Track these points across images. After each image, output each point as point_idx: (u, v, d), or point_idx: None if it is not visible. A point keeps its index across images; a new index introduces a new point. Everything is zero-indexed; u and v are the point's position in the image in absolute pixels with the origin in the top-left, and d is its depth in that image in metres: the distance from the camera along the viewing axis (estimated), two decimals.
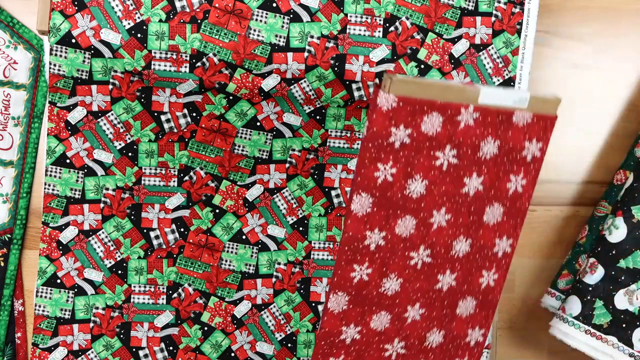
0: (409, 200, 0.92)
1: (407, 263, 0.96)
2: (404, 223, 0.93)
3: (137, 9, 1.07)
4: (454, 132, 0.90)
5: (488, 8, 1.13)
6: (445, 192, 0.93)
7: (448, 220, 0.95)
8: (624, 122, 1.28)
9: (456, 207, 0.95)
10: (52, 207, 1.14)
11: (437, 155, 0.90)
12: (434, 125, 0.88)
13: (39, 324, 1.16)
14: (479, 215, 0.97)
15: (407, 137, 0.88)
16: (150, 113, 1.13)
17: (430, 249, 0.96)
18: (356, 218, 0.91)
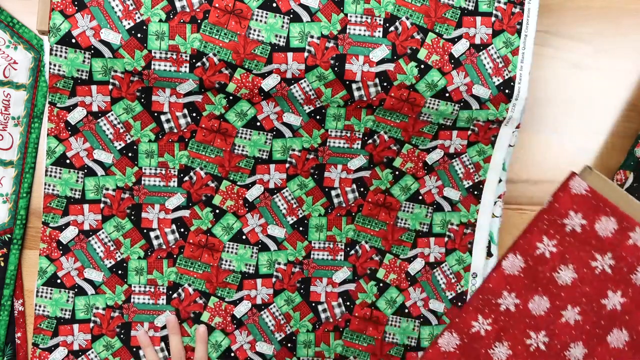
0: (553, 284, 0.94)
1: (523, 340, 0.97)
2: (539, 302, 0.95)
3: (137, 9, 1.07)
4: (620, 244, 0.91)
5: (488, 8, 1.13)
6: (587, 293, 0.94)
7: (576, 321, 0.96)
8: (624, 122, 1.28)
9: (590, 312, 0.95)
10: (52, 207, 1.14)
11: (595, 257, 0.92)
12: (607, 228, 0.91)
13: (39, 324, 1.16)
14: (605, 332, 0.97)
15: (579, 226, 0.91)
16: (150, 113, 1.13)
17: (549, 337, 0.96)
18: (502, 274, 0.94)
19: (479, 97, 1.13)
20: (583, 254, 0.93)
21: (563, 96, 1.27)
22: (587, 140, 1.28)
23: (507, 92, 1.14)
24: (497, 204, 1.21)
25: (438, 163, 1.20)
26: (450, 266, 1.22)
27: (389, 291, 1.22)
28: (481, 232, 1.21)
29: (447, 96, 1.13)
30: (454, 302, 1.22)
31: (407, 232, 1.21)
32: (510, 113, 1.15)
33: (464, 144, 1.19)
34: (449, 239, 1.22)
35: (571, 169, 1.27)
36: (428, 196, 1.21)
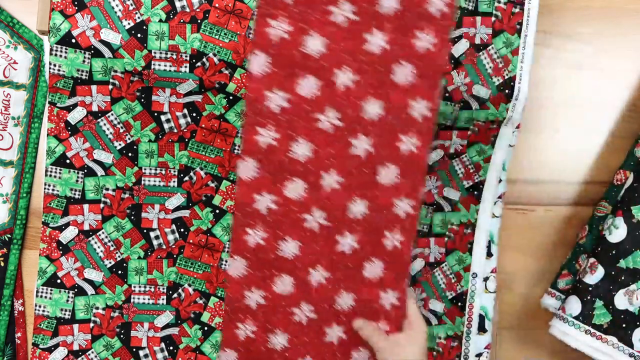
0: (308, 59, 0.96)
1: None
2: (307, 83, 0.97)
3: (137, 9, 1.07)
4: None
5: (488, 8, 1.13)
6: (347, 49, 0.96)
7: (355, 81, 0.98)
8: (624, 122, 1.28)
9: (362, 66, 0.97)
10: (52, 207, 1.14)
11: (331, 10, 0.94)
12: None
13: (39, 324, 1.16)
14: (387, 74, 0.99)
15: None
16: (150, 113, 1.13)
17: (338, 112, 0.99)
18: (257, 78, 0.96)
19: (479, 97, 1.13)
20: (318, 15, 0.93)
21: (563, 96, 1.27)
22: (587, 140, 1.28)
23: (507, 92, 1.14)
24: (497, 204, 1.21)
25: (438, 163, 1.20)
26: (450, 266, 1.22)
27: None
28: (481, 232, 1.21)
29: (447, 96, 1.13)
30: (454, 302, 1.22)
31: None
32: (510, 113, 1.15)
33: (464, 144, 1.19)
34: (449, 239, 1.22)
35: (571, 169, 1.28)
36: (428, 196, 1.21)
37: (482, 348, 1.22)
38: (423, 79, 0.99)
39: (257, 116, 0.96)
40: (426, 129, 1.00)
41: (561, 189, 1.28)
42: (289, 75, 0.95)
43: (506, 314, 1.29)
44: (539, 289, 1.29)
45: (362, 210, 1.01)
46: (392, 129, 0.99)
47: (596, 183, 1.28)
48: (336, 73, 0.96)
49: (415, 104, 0.99)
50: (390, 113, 0.99)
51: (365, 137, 0.99)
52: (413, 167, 1.01)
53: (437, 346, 1.23)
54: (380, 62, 0.96)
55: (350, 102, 0.97)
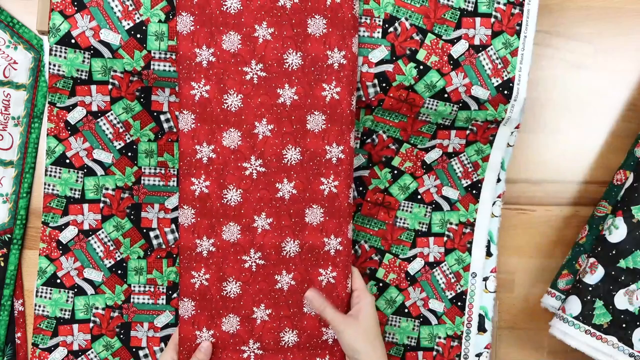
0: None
1: (242, 174, 1.06)
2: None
3: (136, 9, 1.07)
4: (254, 47, 1.03)
5: (487, 9, 1.13)
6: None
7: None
8: (624, 122, 1.28)
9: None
10: (51, 207, 1.14)
11: (245, 70, 1.03)
12: (233, 42, 1.03)
13: (39, 324, 1.16)
14: (301, 123, 1.07)
15: (212, 55, 1.03)
16: (150, 113, 1.13)
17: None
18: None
19: (477, 97, 1.13)
20: (234, 75, 1.02)
21: (563, 96, 1.27)
22: (587, 140, 1.28)
23: (506, 93, 1.14)
24: (496, 204, 1.21)
25: (437, 162, 1.20)
26: (449, 266, 1.22)
27: (389, 291, 1.22)
28: (480, 232, 1.21)
29: (446, 97, 1.13)
30: (454, 301, 1.22)
31: (407, 231, 1.22)
32: (509, 114, 1.15)
33: (462, 143, 1.19)
34: (448, 238, 1.22)
35: (571, 169, 1.28)
36: (427, 195, 1.21)
37: (482, 348, 1.23)
38: (334, 126, 1.06)
39: (190, 168, 1.06)
40: (342, 171, 1.09)
41: (561, 189, 1.28)
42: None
43: (506, 314, 1.29)
44: (538, 289, 1.29)
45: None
46: (312, 172, 1.08)
47: (596, 183, 1.28)
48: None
49: (330, 148, 1.07)
50: (308, 159, 1.07)
51: (289, 181, 1.08)
52: (335, 209, 1.10)
53: (437, 346, 1.23)
54: (293, 113, 1.05)
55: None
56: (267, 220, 1.09)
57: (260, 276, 1.10)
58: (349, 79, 1.07)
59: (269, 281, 1.10)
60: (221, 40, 1.04)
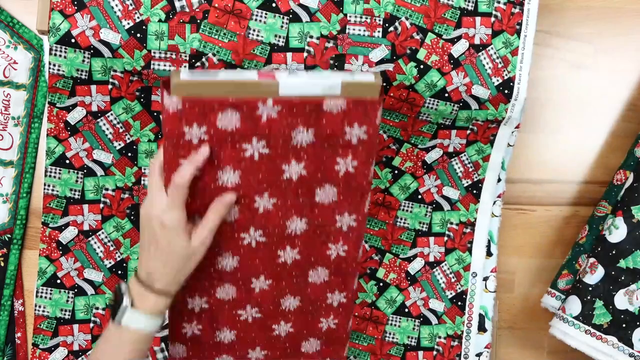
0: (224, 189, 0.94)
1: (240, 243, 0.99)
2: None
3: (136, 8, 1.07)
4: (256, 125, 0.91)
5: (487, 8, 1.13)
6: (263, 179, 0.95)
7: (275, 204, 0.97)
8: (624, 122, 1.28)
9: (280, 191, 0.97)
10: (51, 208, 1.14)
11: (244, 148, 0.93)
12: (231, 121, 0.90)
13: (39, 324, 1.16)
14: (309, 197, 0.99)
15: (204, 134, 0.90)
16: (150, 113, 1.13)
17: (261, 229, 0.99)
18: None
19: (478, 97, 1.13)
20: (229, 152, 0.93)
21: (563, 96, 1.27)
22: (587, 140, 1.28)
23: (507, 93, 1.14)
24: (496, 204, 1.21)
25: (437, 162, 1.20)
26: (450, 265, 1.22)
27: (389, 291, 1.22)
28: (480, 231, 1.22)
29: (447, 96, 1.13)
30: (454, 301, 1.22)
31: (407, 231, 1.22)
32: (510, 113, 1.15)
33: (463, 143, 1.19)
34: (448, 238, 1.22)
35: (571, 169, 1.28)
36: (427, 195, 1.21)
37: (482, 347, 1.23)
38: (347, 197, 1.00)
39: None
40: (354, 237, 1.03)
41: (561, 189, 1.28)
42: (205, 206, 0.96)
43: (506, 314, 1.29)
44: (538, 289, 1.29)
45: (295, 304, 1.06)
46: (319, 240, 1.02)
47: (596, 183, 1.28)
48: (255, 199, 0.97)
49: (341, 218, 1.01)
50: (315, 227, 1.01)
51: (292, 248, 1.02)
52: (342, 270, 1.05)
53: (437, 345, 1.23)
54: (300, 187, 0.98)
55: (273, 222, 0.99)
56: (266, 282, 1.04)
57: (256, 324, 1.07)
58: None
59: (266, 329, 1.08)
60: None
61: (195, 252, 0.93)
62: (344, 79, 0.92)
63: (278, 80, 0.90)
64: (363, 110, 0.94)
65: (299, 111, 0.92)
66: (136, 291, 0.94)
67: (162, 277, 0.93)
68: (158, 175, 0.93)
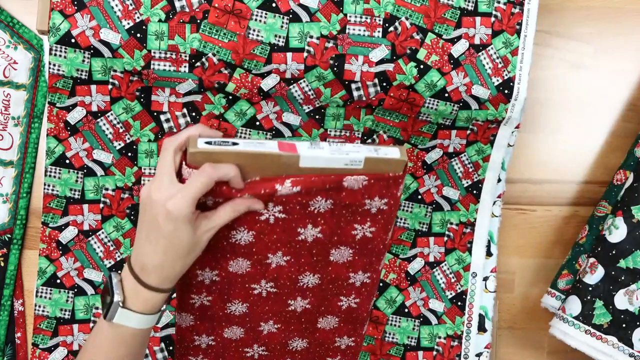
0: (237, 246, 0.93)
1: (251, 292, 0.98)
2: (237, 264, 0.95)
3: (136, 8, 1.07)
4: (273, 196, 0.90)
5: (487, 8, 1.13)
6: (277, 239, 0.94)
7: (288, 261, 0.96)
8: (624, 122, 1.28)
9: (294, 250, 0.96)
10: (51, 208, 1.14)
11: (260, 212, 0.91)
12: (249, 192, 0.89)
13: (39, 324, 1.16)
14: (324, 256, 0.97)
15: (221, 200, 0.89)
16: (150, 113, 1.13)
17: (272, 282, 0.98)
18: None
19: (478, 97, 1.13)
20: (245, 215, 0.90)
21: (563, 96, 1.27)
22: (587, 140, 1.28)
23: (507, 93, 1.14)
24: (496, 204, 1.21)
25: (437, 162, 1.20)
26: (449, 266, 1.22)
27: (389, 291, 1.22)
28: (480, 231, 1.22)
29: (447, 96, 1.13)
30: (454, 301, 1.22)
31: (407, 231, 1.22)
32: (510, 113, 1.15)
33: (463, 144, 1.19)
34: (448, 238, 1.22)
35: (571, 169, 1.28)
36: (427, 195, 1.21)
37: (482, 347, 1.23)
38: (362, 257, 0.99)
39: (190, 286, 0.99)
40: (366, 292, 1.02)
41: (561, 189, 1.28)
42: (219, 259, 0.96)
43: (506, 314, 1.29)
44: (538, 289, 1.29)
45: (302, 345, 1.06)
46: (330, 293, 1.02)
47: (596, 183, 1.28)
48: (269, 257, 0.96)
49: (355, 275, 1.00)
50: (328, 282, 1.00)
51: (303, 299, 1.01)
52: (353, 319, 1.04)
53: (437, 346, 1.23)
54: (315, 247, 0.96)
55: (286, 276, 0.98)
56: (274, 326, 1.03)
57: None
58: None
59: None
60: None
61: (197, 245, 0.87)
62: (368, 154, 0.89)
63: (299, 153, 0.87)
64: (385, 185, 0.92)
65: (319, 189, 0.90)
66: (129, 286, 0.88)
67: (159, 270, 0.87)
68: (171, 156, 0.87)
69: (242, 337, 1.04)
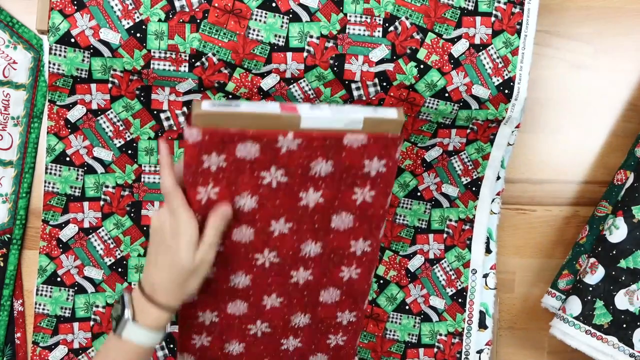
0: (241, 213, 0.94)
1: (254, 263, 0.99)
2: (241, 232, 0.96)
3: (136, 8, 1.07)
4: (275, 156, 0.91)
5: (488, 8, 1.14)
6: (280, 204, 0.95)
7: (290, 228, 0.97)
8: (624, 122, 1.28)
9: (296, 216, 0.97)
10: (52, 205, 1.14)
11: (262, 176, 0.92)
12: (250, 151, 0.90)
13: (39, 323, 1.16)
14: (325, 223, 0.98)
15: (223, 161, 0.90)
16: (150, 111, 1.13)
17: (275, 251, 0.99)
18: None
19: (478, 97, 1.13)
20: (248, 179, 0.93)
21: (563, 96, 1.27)
22: (587, 140, 1.28)
23: (507, 93, 1.14)
24: (495, 201, 1.22)
25: (437, 160, 1.20)
26: (449, 263, 1.22)
27: (389, 288, 1.22)
28: (479, 228, 1.22)
29: (447, 96, 1.13)
30: (455, 298, 1.22)
31: (406, 228, 1.22)
32: (510, 113, 1.15)
33: (462, 142, 1.19)
34: (447, 235, 1.22)
35: (571, 169, 1.28)
36: (426, 192, 1.21)
37: (483, 344, 1.23)
38: (363, 224, 1.00)
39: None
40: (367, 262, 1.03)
41: (561, 189, 1.28)
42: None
43: (506, 313, 1.29)
44: (539, 289, 1.29)
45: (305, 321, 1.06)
46: (332, 262, 1.02)
47: (596, 183, 1.28)
48: (271, 223, 0.97)
49: (356, 244, 1.01)
50: (329, 251, 1.01)
51: (305, 269, 1.02)
52: (354, 291, 1.05)
53: (438, 343, 1.23)
54: (317, 214, 0.98)
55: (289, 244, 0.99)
56: (277, 299, 1.04)
57: (265, 339, 1.07)
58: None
59: (275, 344, 1.08)
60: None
61: (198, 269, 0.92)
62: (366, 114, 0.91)
63: (300, 113, 0.89)
64: (383, 145, 0.93)
65: (319, 144, 0.91)
66: (139, 304, 0.93)
67: (166, 291, 0.92)
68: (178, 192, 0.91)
69: (246, 313, 1.04)
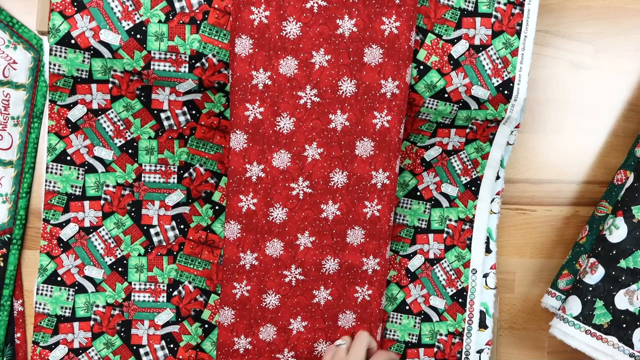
0: (279, 134, 1.09)
1: (289, 194, 1.10)
2: (279, 156, 1.09)
3: (136, 9, 1.07)
4: (310, 73, 1.07)
5: (488, 9, 1.14)
6: (313, 127, 1.09)
7: (321, 154, 1.09)
8: (624, 122, 1.28)
9: (326, 140, 1.09)
10: (52, 204, 1.14)
11: (299, 95, 1.08)
12: (290, 68, 1.07)
13: (40, 322, 1.16)
14: (350, 149, 1.10)
15: (267, 79, 1.07)
16: (150, 111, 1.14)
17: (308, 180, 1.10)
18: (235, 153, 1.09)
19: (477, 97, 1.13)
20: (291, 100, 1.07)
21: (563, 96, 1.27)
22: (587, 140, 1.28)
23: (506, 93, 1.14)
24: (494, 201, 1.22)
25: (436, 160, 1.20)
26: (449, 262, 1.22)
27: (389, 288, 1.22)
28: (479, 228, 1.22)
29: (446, 97, 1.13)
30: (455, 298, 1.22)
31: (406, 228, 1.22)
32: (509, 113, 1.15)
33: (462, 142, 1.19)
34: (447, 235, 1.22)
35: (571, 169, 1.28)
36: (426, 192, 1.21)
37: (483, 344, 1.22)
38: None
39: (239, 185, 1.09)
40: (386, 196, 1.11)
41: (561, 189, 1.28)
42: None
43: (506, 313, 1.29)
44: (539, 289, 1.29)
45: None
46: (357, 196, 1.11)
47: (596, 183, 1.28)
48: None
49: (376, 174, 1.10)
50: (353, 181, 1.10)
51: (334, 203, 1.11)
52: (376, 231, 1.13)
53: (438, 342, 1.23)
54: (344, 138, 1.08)
55: (319, 172, 1.09)
56: (309, 238, 1.11)
57: (299, 290, 1.13)
58: (400, 108, 1.09)
59: (307, 295, 1.13)
60: (278, 64, 1.07)
61: None
62: None
63: None
64: (396, 65, 1.07)
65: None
66: None
67: None
68: None
69: (282, 255, 1.11)
